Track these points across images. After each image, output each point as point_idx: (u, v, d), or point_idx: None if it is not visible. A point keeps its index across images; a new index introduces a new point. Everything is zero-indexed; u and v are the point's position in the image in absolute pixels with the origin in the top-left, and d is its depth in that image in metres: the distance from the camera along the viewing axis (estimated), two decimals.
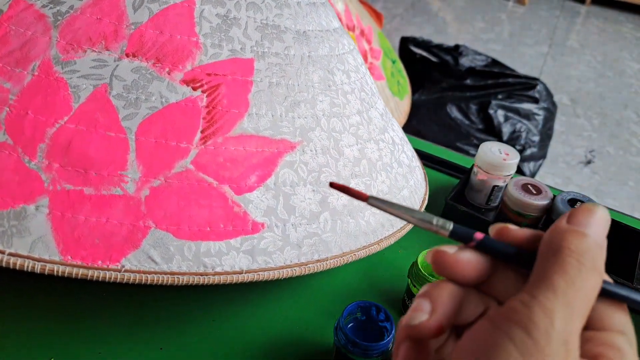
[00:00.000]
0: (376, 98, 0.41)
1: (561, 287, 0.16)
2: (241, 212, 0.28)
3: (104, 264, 0.25)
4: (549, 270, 0.16)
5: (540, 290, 0.16)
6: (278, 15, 0.33)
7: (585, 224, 0.17)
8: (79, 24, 0.29)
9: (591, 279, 0.16)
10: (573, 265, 0.16)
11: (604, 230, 0.17)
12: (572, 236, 0.17)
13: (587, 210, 0.17)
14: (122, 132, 0.27)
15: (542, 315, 0.15)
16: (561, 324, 0.15)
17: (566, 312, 0.15)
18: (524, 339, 0.15)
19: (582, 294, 0.16)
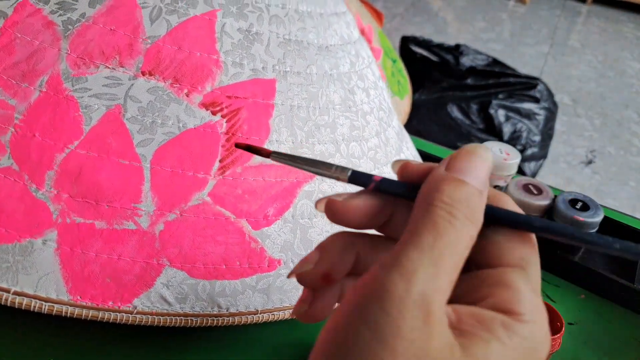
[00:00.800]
0: (392, 115, 0.40)
1: (428, 244, 0.14)
2: (258, 248, 0.26)
3: (115, 304, 0.24)
4: (418, 225, 0.15)
5: (404, 250, 0.14)
6: (301, 29, 0.31)
7: (463, 170, 0.16)
8: (91, 35, 0.27)
9: (464, 232, 0.15)
10: (444, 217, 0.15)
11: (484, 174, 0.16)
12: (446, 185, 0.15)
13: (465, 153, 0.16)
14: (136, 160, 0.25)
15: (398, 280, 0.14)
16: (421, 286, 0.13)
17: (429, 271, 0.14)
18: (379, 318, 0.13)
19: (451, 250, 0.14)
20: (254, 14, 0.29)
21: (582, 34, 2.25)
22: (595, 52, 2.08)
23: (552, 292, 0.42)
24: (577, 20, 2.38)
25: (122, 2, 0.27)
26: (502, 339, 0.14)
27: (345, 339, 0.13)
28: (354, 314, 0.14)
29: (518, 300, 0.15)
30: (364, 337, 0.13)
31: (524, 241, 0.16)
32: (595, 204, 0.42)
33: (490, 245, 0.16)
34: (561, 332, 0.31)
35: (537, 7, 2.48)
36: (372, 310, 0.13)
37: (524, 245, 0.16)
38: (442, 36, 2.05)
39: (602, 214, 0.41)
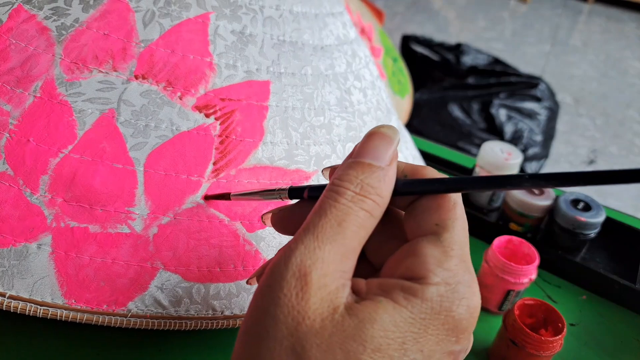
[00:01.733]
0: (391, 114, 0.40)
1: (313, 223, 0.15)
2: (253, 250, 0.26)
3: (110, 308, 0.24)
4: (311, 213, 0.16)
5: (295, 237, 0.15)
6: (296, 29, 0.31)
7: (362, 151, 0.16)
8: (85, 40, 0.27)
9: (353, 208, 0.15)
10: (329, 198, 0.16)
11: (383, 151, 0.16)
12: (339, 170, 0.16)
13: (366, 136, 0.17)
14: (130, 164, 0.25)
15: (280, 257, 0.15)
16: (299, 258, 0.15)
17: (310, 245, 0.15)
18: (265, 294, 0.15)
19: (336, 225, 0.15)
20: (247, 15, 0.29)
21: (583, 33, 2.24)
22: (597, 51, 2.07)
23: (553, 293, 0.42)
24: (578, 19, 2.37)
25: (115, 7, 0.27)
26: (397, 300, 0.14)
27: (248, 320, 0.15)
28: (255, 297, 0.15)
29: (422, 265, 0.15)
30: (256, 314, 0.15)
31: (439, 206, 0.16)
32: (597, 204, 0.42)
33: (410, 218, 0.17)
34: (563, 333, 0.31)
35: (538, 6, 2.47)
36: (263, 290, 0.15)
37: (438, 211, 0.16)
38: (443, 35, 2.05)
39: (604, 214, 0.41)
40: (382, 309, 0.14)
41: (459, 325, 0.15)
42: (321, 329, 0.14)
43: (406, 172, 0.18)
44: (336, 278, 0.15)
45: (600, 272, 0.41)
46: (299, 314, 0.14)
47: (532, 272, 0.36)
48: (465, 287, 0.15)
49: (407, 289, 0.15)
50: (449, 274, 0.15)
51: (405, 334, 0.14)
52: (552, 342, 0.30)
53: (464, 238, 0.16)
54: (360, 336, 0.14)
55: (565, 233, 0.42)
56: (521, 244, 0.38)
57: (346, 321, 0.14)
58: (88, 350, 0.30)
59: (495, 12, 2.36)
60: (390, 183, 0.16)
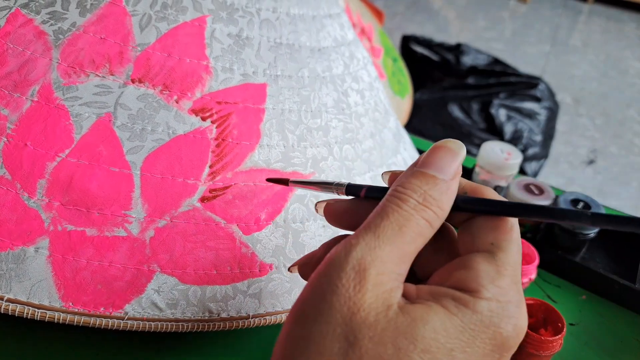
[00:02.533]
0: (389, 115, 0.40)
1: (375, 223, 0.16)
2: (249, 253, 0.26)
3: (107, 310, 0.24)
4: (373, 213, 0.17)
5: (356, 232, 0.16)
6: (293, 32, 0.31)
7: (427, 163, 0.17)
8: (82, 44, 0.27)
9: (414, 215, 0.16)
10: (392, 202, 0.16)
11: (448, 164, 0.17)
12: (403, 178, 0.17)
13: (432, 148, 0.18)
14: (126, 167, 0.25)
15: (341, 250, 0.16)
16: (359, 253, 0.15)
17: (371, 244, 0.15)
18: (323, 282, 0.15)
19: (396, 228, 0.16)
20: (244, 18, 0.30)
21: (583, 33, 2.24)
22: (597, 51, 2.06)
23: (553, 293, 0.42)
24: (578, 20, 2.37)
25: (112, 11, 0.27)
26: (448, 308, 0.15)
27: (302, 302, 0.16)
28: (312, 282, 0.16)
29: (475, 279, 0.16)
30: (312, 297, 0.15)
31: (496, 227, 0.17)
32: (597, 204, 0.42)
33: (466, 234, 0.18)
34: (562, 333, 0.31)
35: (538, 6, 2.47)
36: (321, 277, 0.16)
37: (495, 231, 0.17)
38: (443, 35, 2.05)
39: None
40: (434, 312, 0.15)
41: (505, 343, 0.15)
42: (375, 323, 0.14)
43: (466, 189, 0.18)
44: (392, 279, 0.15)
45: (600, 272, 0.41)
46: (354, 305, 0.14)
47: (532, 272, 0.36)
48: (514, 307, 0.16)
49: (458, 298, 0.15)
50: (500, 292, 0.15)
51: (454, 340, 0.14)
52: (552, 342, 0.30)
53: (517, 260, 0.17)
54: (412, 334, 0.14)
55: (565, 233, 0.42)
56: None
57: (399, 318, 0.15)
58: (87, 351, 0.30)
59: (495, 12, 2.36)
60: (452, 197, 0.17)
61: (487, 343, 0.15)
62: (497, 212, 0.17)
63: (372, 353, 0.14)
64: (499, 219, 0.17)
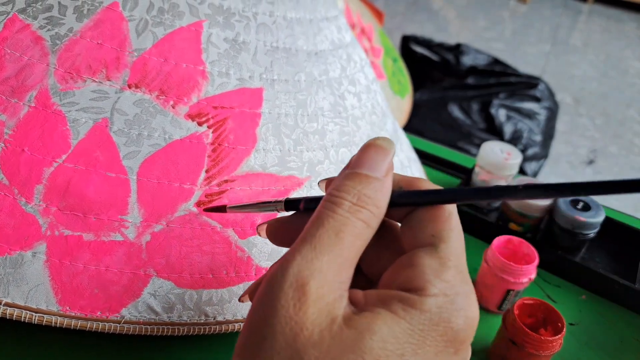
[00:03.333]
0: (386, 118, 0.40)
1: (310, 234, 0.15)
2: (245, 257, 0.27)
3: (104, 314, 0.24)
4: (309, 223, 0.16)
5: (293, 245, 0.16)
6: (289, 35, 0.32)
7: (358, 163, 0.17)
8: (79, 50, 0.27)
9: (350, 218, 0.15)
10: (326, 208, 0.16)
11: (379, 162, 0.17)
12: (336, 180, 0.17)
13: (362, 147, 0.17)
14: (123, 173, 0.25)
15: (277, 268, 0.15)
16: (296, 269, 0.15)
17: (308, 255, 0.15)
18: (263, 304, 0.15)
19: (334, 235, 0.15)
20: (240, 23, 0.30)
21: (583, 33, 2.23)
22: (597, 51, 2.06)
23: (553, 293, 0.42)
24: (578, 19, 2.37)
25: (109, 16, 0.27)
26: (395, 312, 0.15)
27: (246, 331, 0.15)
28: (253, 307, 0.15)
29: (420, 276, 0.15)
30: (254, 325, 0.15)
31: (434, 217, 0.17)
32: (597, 204, 0.42)
33: (407, 229, 0.17)
34: (562, 333, 0.31)
35: (538, 6, 2.47)
36: (261, 300, 0.15)
37: (433, 222, 0.16)
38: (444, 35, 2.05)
39: (603, 214, 0.41)
40: (381, 320, 0.14)
41: (458, 337, 0.15)
42: (319, 340, 0.14)
43: (401, 184, 0.18)
44: (334, 289, 0.15)
45: (600, 272, 0.41)
46: (296, 324, 0.14)
47: (532, 272, 0.36)
48: (463, 299, 0.15)
49: (405, 300, 0.15)
50: (446, 285, 0.15)
51: (404, 345, 0.14)
52: (552, 342, 0.31)
53: (460, 249, 0.16)
54: (360, 347, 0.14)
55: (564, 233, 0.42)
56: (521, 243, 0.38)
57: (344, 332, 0.14)
58: (88, 352, 0.30)
59: (495, 12, 2.36)
60: (387, 194, 0.17)
61: (439, 340, 0.15)
62: (432, 201, 0.17)
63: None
64: (436, 208, 0.17)
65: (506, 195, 0.15)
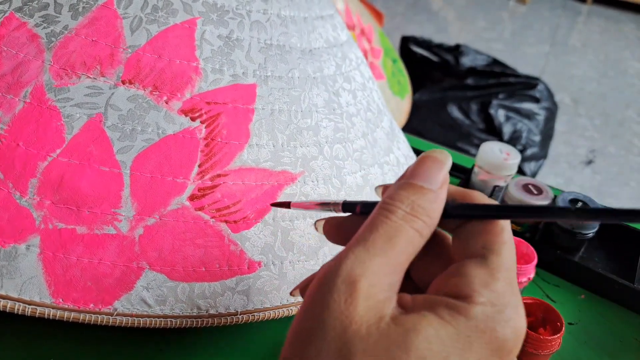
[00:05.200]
0: (383, 115, 0.40)
1: (364, 237, 0.16)
2: (238, 250, 0.27)
3: (96, 307, 0.24)
4: (362, 227, 0.17)
5: (347, 247, 0.16)
6: (283, 33, 0.32)
7: (415, 174, 0.17)
8: (74, 47, 0.28)
9: (404, 226, 0.16)
10: (381, 214, 0.16)
11: (435, 174, 0.17)
12: (391, 190, 0.17)
13: (419, 159, 0.18)
14: (116, 167, 0.26)
15: (332, 265, 0.16)
16: (349, 266, 0.15)
17: (361, 256, 0.15)
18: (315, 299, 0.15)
19: (386, 240, 0.16)
20: (234, 20, 0.30)
21: (583, 33, 2.23)
22: (596, 51, 2.06)
23: (552, 292, 0.42)
24: (577, 20, 2.37)
25: (104, 14, 0.28)
26: (442, 316, 0.15)
27: (298, 321, 0.16)
28: (306, 301, 0.16)
29: (467, 285, 0.16)
30: (306, 316, 0.16)
31: (486, 231, 0.17)
32: (596, 204, 0.42)
33: (458, 240, 0.18)
34: (561, 332, 0.31)
35: (537, 6, 2.47)
36: (314, 294, 0.16)
37: (485, 235, 0.17)
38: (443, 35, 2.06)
39: None
40: (427, 321, 0.15)
41: (504, 346, 0.15)
42: (367, 335, 0.14)
43: (455, 196, 0.18)
44: (384, 290, 0.15)
45: (599, 272, 0.40)
46: (346, 318, 0.15)
47: (531, 272, 0.36)
48: (511, 310, 0.15)
49: (452, 306, 0.15)
50: (495, 295, 0.15)
51: (449, 349, 0.14)
52: (551, 341, 0.30)
53: (511, 262, 0.17)
54: (406, 344, 0.14)
55: (563, 233, 0.42)
56: (520, 243, 0.38)
57: (392, 329, 0.15)
58: (88, 349, 0.31)
59: (494, 12, 2.36)
60: (440, 205, 0.17)
61: (485, 348, 0.15)
62: (485, 215, 0.17)
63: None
64: (489, 222, 0.17)
65: (556, 216, 0.16)
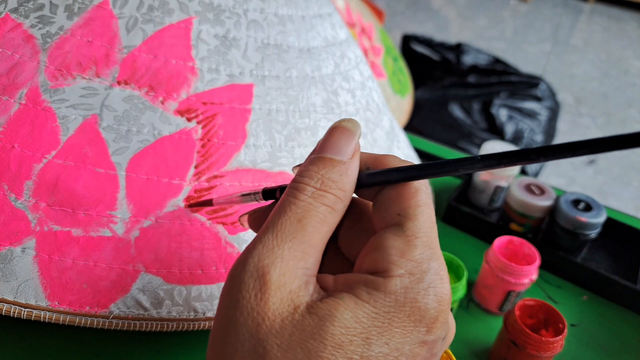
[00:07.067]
0: (382, 115, 0.40)
1: (272, 222, 0.15)
2: (235, 252, 0.27)
3: (92, 310, 0.24)
4: (272, 212, 0.16)
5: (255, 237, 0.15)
6: (281, 32, 0.32)
7: (322, 147, 0.17)
8: (69, 47, 0.27)
9: (313, 203, 0.15)
10: (288, 195, 0.16)
11: (342, 143, 0.16)
12: (300, 167, 0.16)
13: (327, 131, 0.17)
14: (111, 168, 0.25)
15: (237, 261, 0.15)
16: (256, 259, 0.15)
17: (269, 244, 0.15)
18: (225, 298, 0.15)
19: (295, 221, 0.15)
20: (231, 19, 0.30)
21: (584, 32, 2.23)
22: (598, 50, 2.06)
23: (554, 293, 0.41)
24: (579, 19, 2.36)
25: (99, 14, 0.28)
26: (360, 296, 0.14)
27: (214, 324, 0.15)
28: (220, 301, 0.15)
29: (384, 257, 0.15)
30: (219, 317, 0.15)
31: (399, 195, 0.16)
32: (598, 204, 0.42)
33: (375, 210, 0.17)
34: (563, 334, 0.31)
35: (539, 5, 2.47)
36: (225, 294, 0.15)
37: (399, 200, 0.16)
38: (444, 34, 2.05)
39: (605, 215, 0.41)
40: (343, 305, 0.14)
41: (427, 315, 0.15)
42: (281, 329, 0.14)
43: (369, 164, 0.17)
44: (297, 276, 0.15)
45: (601, 273, 0.40)
46: (258, 315, 0.14)
47: (533, 273, 0.36)
48: (432, 276, 0.15)
49: (370, 283, 0.15)
50: (412, 264, 0.15)
51: (369, 329, 0.14)
52: (553, 343, 0.30)
53: (429, 225, 0.16)
54: (320, 334, 0.14)
55: (566, 233, 0.41)
56: (522, 244, 0.37)
57: (306, 320, 0.14)
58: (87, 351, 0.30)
59: (495, 11, 2.36)
60: (353, 176, 0.16)
61: (407, 321, 0.14)
62: (395, 179, 0.16)
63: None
64: (402, 186, 0.16)
65: (464, 167, 0.15)
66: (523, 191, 0.44)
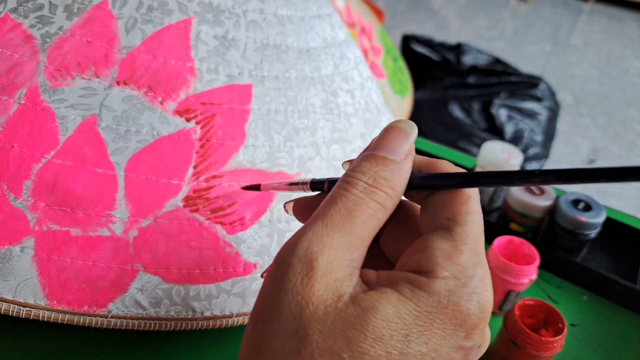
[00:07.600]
0: (382, 115, 0.40)
1: (323, 212, 0.15)
2: (233, 252, 0.27)
3: (91, 309, 0.24)
4: (323, 202, 0.16)
5: (305, 224, 0.16)
6: (280, 33, 0.32)
7: (377, 145, 0.17)
8: (68, 47, 0.27)
9: (363, 198, 0.15)
10: (340, 188, 0.16)
11: (397, 144, 0.17)
12: (352, 163, 0.17)
13: (382, 131, 0.17)
14: (110, 168, 0.25)
15: (288, 244, 0.15)
16: (306, 244, 0.15)
17: (318, 232, 0.15)
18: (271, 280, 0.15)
19: (345, 214, 0.15)
20: (230, 20, 0.30)
21: (584, 32, 2.23)
22: (598, 50, 2.06)
23: (554, 293, 0.41)
24: (579, 19, 2.36)
25: (99, 14, 0.28)
26: (402, 292, 0.14)
27: (256, 303, 0.16)
28: (265, 281, 0.16)
29: (430, 258, 0.15)
30: (263, 297, 0.15)
31: (451, 200, 0.16)
32: (598, 204, 0.42)
33: (425, 213, 0.17)
34: (563, 334, 0.31)
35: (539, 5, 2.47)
36: (271, 275, 0.15)
37: (450, 205, 0.16)
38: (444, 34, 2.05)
39: (604, 215, 0.41)
40: (386, 299, 0.14)
41: (468, 321, 0.15)
42: (324, 316, 0.14)
43: (422, 167, 0.18)
44: (343, 266, 0.15)
45: (601, 273, 0.40)
46: (303, 299, 0.14)
47: (533, 273, 0.36)
48: (477, 282, 0.15)
49: (413, 281, 0.15)
50: (458, 269, 0.15)
51: (410, 326, 0.14)
52: (553, 343, 0.30)
53: (478, 232, 0.16)
54: (362, 325, 0.14)
55: (566, 233, 0.41)
56: (522, 244, 0.37)
57: (349, 310, 0.14)
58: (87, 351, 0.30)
59: (495, 11, 2.36)
60: (405, 176, 0.16)
61: (448, 323, 0.14)
62: (449, 185, 0.16)
63: (323, 346, 0.14)
64: (454, 191, 0.16)
65: (521, 180, 0.15)
66: (523, 191, 0.44)
